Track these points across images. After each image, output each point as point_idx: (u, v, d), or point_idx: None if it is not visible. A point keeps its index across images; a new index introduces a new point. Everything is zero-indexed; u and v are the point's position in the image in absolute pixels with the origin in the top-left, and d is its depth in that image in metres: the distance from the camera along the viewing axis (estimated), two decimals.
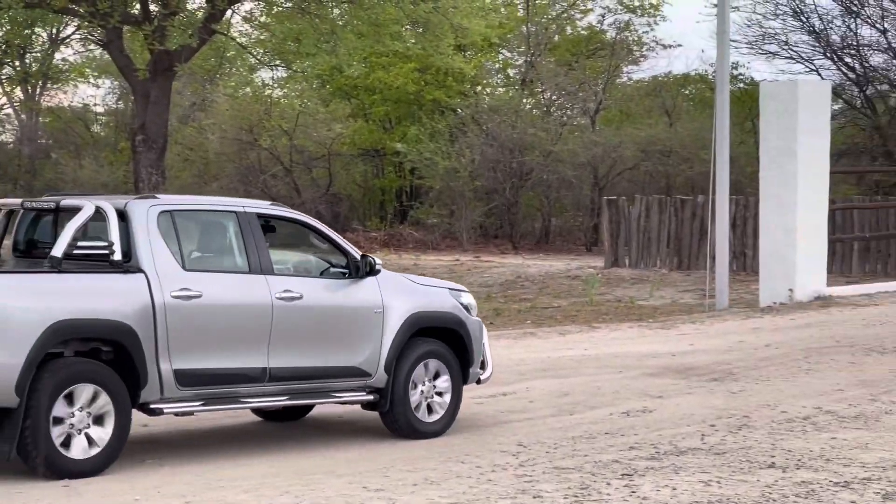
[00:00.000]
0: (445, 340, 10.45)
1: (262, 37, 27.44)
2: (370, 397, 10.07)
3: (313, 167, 37.52)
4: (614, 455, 9.34)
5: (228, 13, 25.33)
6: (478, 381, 10.85)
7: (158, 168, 23.47)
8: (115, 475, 8.77)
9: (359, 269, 9.99)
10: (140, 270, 8.95)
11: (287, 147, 36.27)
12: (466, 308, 10.65)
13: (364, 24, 23.32)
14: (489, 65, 38.18)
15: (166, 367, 8.92)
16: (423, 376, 10.29)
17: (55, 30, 35.18)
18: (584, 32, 38.74)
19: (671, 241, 26.72)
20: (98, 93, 47.09)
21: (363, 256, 10.07)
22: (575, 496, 8.08)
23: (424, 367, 10.29)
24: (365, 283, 10.03)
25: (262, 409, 10.51)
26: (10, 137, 42.85)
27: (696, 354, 14.78)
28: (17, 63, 33.11)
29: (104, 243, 8.94)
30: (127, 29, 24.16)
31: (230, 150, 36.53)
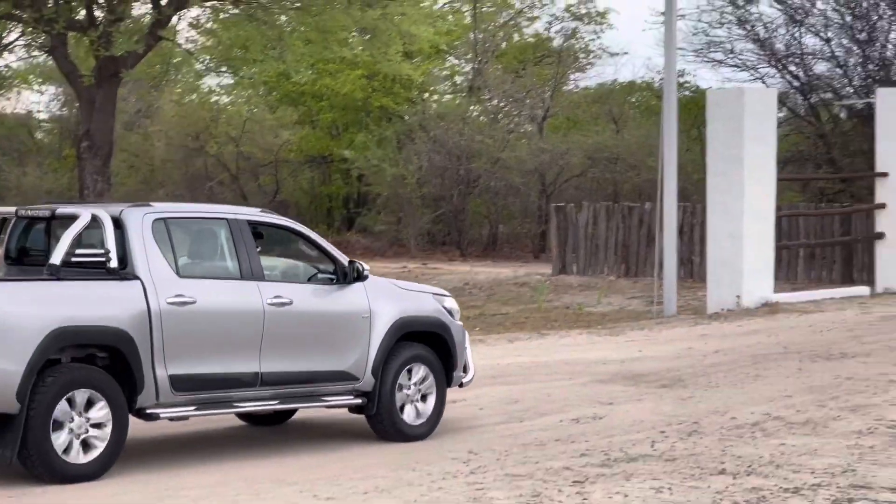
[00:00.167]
0: (430, 344, 10.64)
1: (209, 43, 27.27)
2: (358, 401, 10.22)
3: (260, 174, 37.38)
4: (565, 462, 9.33)
5: (175, 19, 25.15)
6: (460, 384, 11.01)
7: (104, 175, 23.26)
8: (80, 483, 8.71)
9: (346, 275, 10.15)
10: (136, 277, 9.09)
11: (234, 154, 36.11)
12: (450, 312, 10.84)
13: (312, 31, 23.23)
14: (436, 72, 38.18)
15: (162, 372, 9.07)
16: (409, 380, 10.47)
17: None
18: (532, 40, 38.84)
19: (619, 247, 26.82)
20: (42, 99, 46.65)
21: (351, 262, 10.21)
22: (527, 503, 8.06)
23: (410, 371, 10.47)
24: (353, 289, 10.18)
25: (254, 413, 10.62)
26: None
27: (645, 361, 14.82)
28: None
29: (101, 251, 9.08)
30: (72, 35, 23.93)
31: (176, 156, 36.33)
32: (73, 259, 9.07)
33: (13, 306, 8.48)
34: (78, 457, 8.70)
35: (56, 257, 9.00)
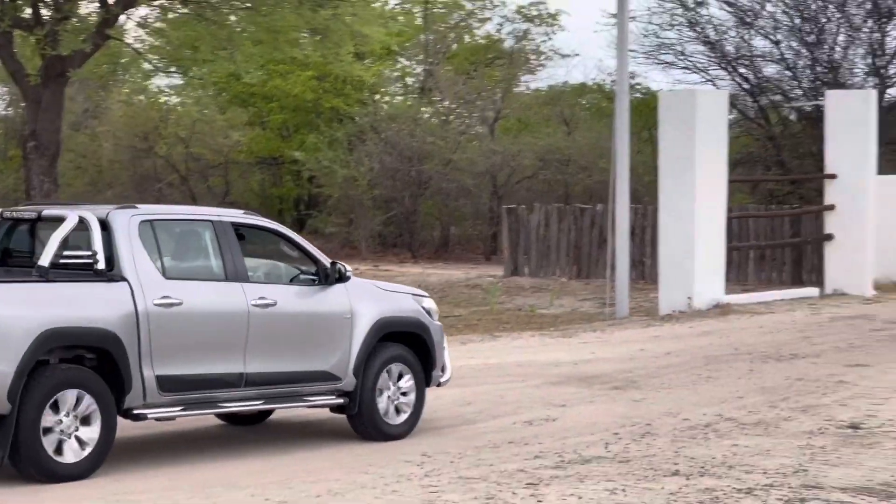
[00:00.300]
0: (409, 344, 10.73)
1: (158, 43, 27.03)
2: (340, 401, 10.30)
3: (210, 175, 37.14)
4: (519, 464, 9.30)
5: (123, 18, 24.90)
6: (438, 384, 11.08)
7: (51, 175, 22.99)
8: (29, 486, 8.66)
9: (328, 277, 10.24)
10: (123, 279, 9.14)
11: (183, 155, 35.85)
12: (428, 312, 10.94)
13: (262, 31, 23.06)
14: (388, 73, 38.11)
15: (149, 373, 9.13)
16: (389, 380, 10.56)
17: None
18: (483, 41, 38.86)
19: (570, 249, 26.85)
20: None
21: (333, 263, 10.30)
22: None
23: (390, 371, 10.56)
24: (334, 290, 10.27)
25: (238, 413, 10.69)
26: None
27: (597, 363, 14.83)
28: None
29: (88, 252, 9.11)
30: (18, 33, 23.63)
31: (124, 157, 36.01)
32: (61, 261, 9.11)
33: (4, 308, 8.53)
34: (68, 457, 8.76)
35: (45, 259, 9.03)
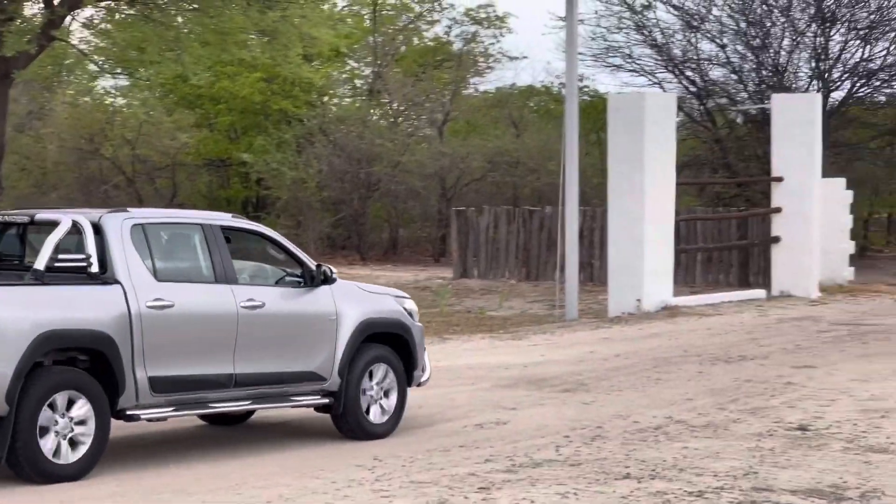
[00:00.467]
0: (391, 345, 10.90)
1: (104, 44, 26.79)
2: (325, 401, 10.46)
3: (157, 177, 36.87)
4: (470, 468, 9.28)
5: (68, 19, 24.65)
6: (418, 384, 11.25)
7: None
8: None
9: (314, 279, 10.39)
10: (116, 282, 9.26)
11: (130, 157, 35.56)
12: (409, 313, 11.12)
13: (209, 33, 22.89)
14: (336, 75, 38.00)
15: (141, 374, 9.26)
16: (372, 380, 10.73)
17: None
18: (431, 43, 38.85)
19: (519, 251, 26.90)
20: None
21: (318, 266, 10.46)
22: None
23: (373, 371, 10.74)
24: (320, 292, 10.42)
25: (228, 413, 10.88)
26: None
27: (547, 365, 14.84)
28: None
29: (82, 256, 9.25)
30: None
31: (70, 159, 35.68)
32: (56, 264, 9.23)
33: (3, 310, 8.62)
34: (64, 457, 8.88)
35: (40, 262, 9.15)
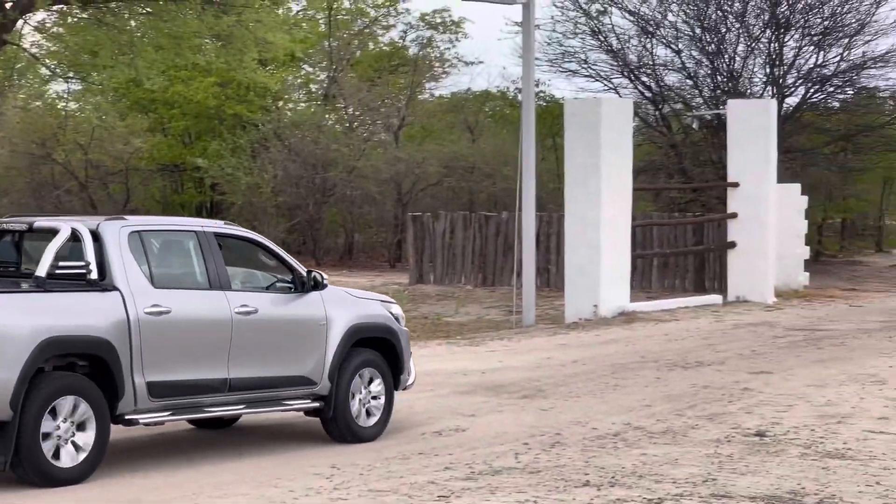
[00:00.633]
0: (379, 349, 11.08)
1: (56, 48, 26.55)
2: (316, 404, 10.64)
3: (110, 182, 36.58)
4: (429, 476, 9.22)
5: (20, 23, 24.41)
6: (404, 387, 11.42)
7: None
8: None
9: (304, 284, 10.58)
10: (115, 288, 9.42)
11: (82, 162, 35.26)
12: (396, 318, 11.32)
13: (163, 37, 22.73)
14: (291, 80, 37.85)
15: (140, 379, 9.41)
16: (361, 384, 10.90)
17: None
18: (387, 48, 38.78)
19: (476, 257, 26.88)
20: None
21: (309, 272, 10.65)
22: None
23: (362, 375, 10.91)
24: (310, 297, 10.62)
25: (223, 417, 11.00)
26: None
27: (505, 371, 14.80)
28: None
29: (81, 263, 9.40)
30: None
31: (21, 164, 35.31)
32: (57, 271, 9.39)
33: (7, 316, 8.78)
34: (65, 461, 9.01)
35: (41, 269, 9.31)
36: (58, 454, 8.97)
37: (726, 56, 31.45)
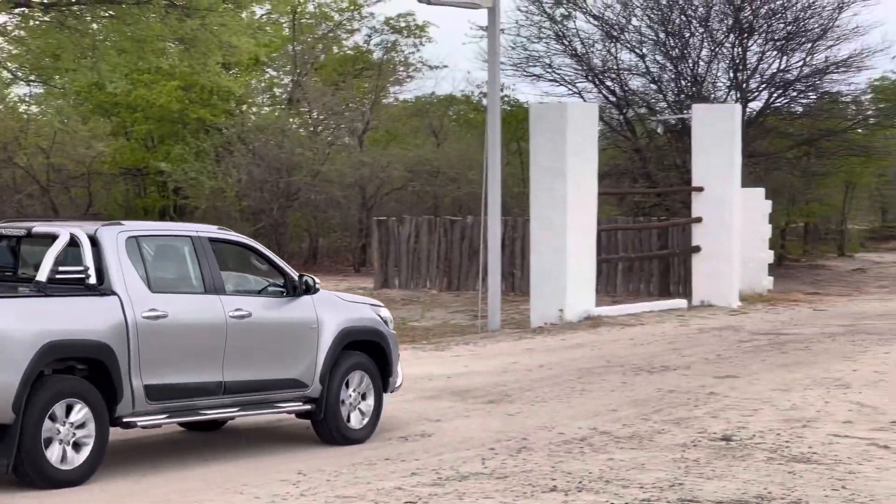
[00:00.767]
0: (368, 352, 11.20)
1: (17, 51, 26.34)
2: (307, 407, 10.76)
3: (72, 186, 36.35)
4: (396, 482, 9.19)
5: None
6: (392, 389, 11.53)
7: None
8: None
9: (296, 289, 10.69)
10: (113, 293, 9.53)
11: (44, 165, 35.01)
12: (385, 322, 11.44)
13: (126, 40, 22.58)
14: (255, 84, 37.71)
15: (137, 382, 9.53)
16: (351, 386, 11.02)
17: None
18: (351, 52, 38.72)
19: (441, 261, 26.85)
20: None
21: (300, 276, 10.78)
22: None
23: (352, 378, 11.02)
24: (302, 301, 10.74)
25: (218, 420, 11.14)
26: None
27: (471, 376, 14.77)
28: None
29: (81, 268, 9.51)
30: None
31: None
32: (57, 276, 9.49)
33: (9, 321, 8.89)
34: (66, 463, 9.14)
35: (42, 274, 9.42)
36: (59, 456, 9.08)
37: (690, 61, 31.57)
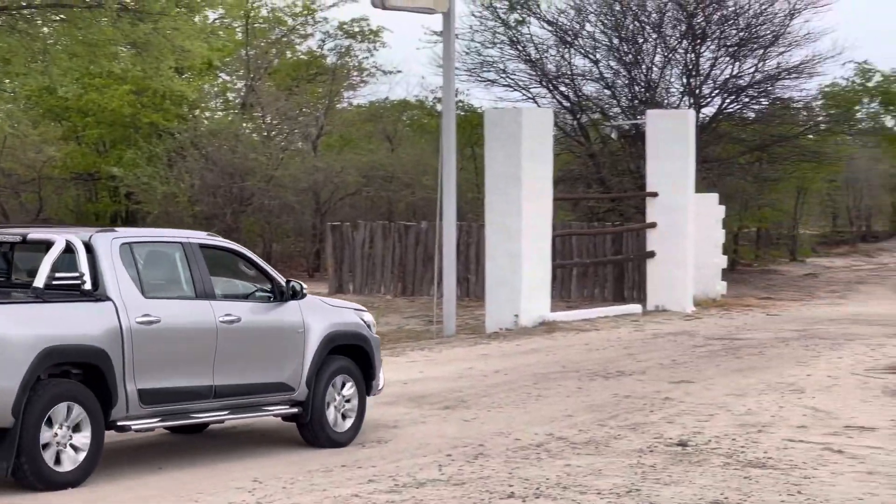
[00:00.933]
0: (352, 356, 11.37)
1: None
2: (294, 410, 10.91)
3: (22, 191, 36.00)
4: (353, 489, 9.14)
5: None
6: (375, 393, 11.69)
7: None
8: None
9: (283, 294, 10.85)
10: (108, 298, 9.67)
11: None
12: (368, 326, 11.61)
13: (78, 45, 22.38)
14: (208, 88, 37.50)
15: (131, 386, 9.67)
16: (336, 390, 11.17)
17: None
18: (305, 57, 38.58)
19: (395, 266, 26.81)
20: None
21: (288, 282, 10.93)
22: None
23: (337, 381, 11.17)
24: (289, 306, 10.89)
25: (207, 423, 11.23)
26: None
27: (427, 382, 14.74)
28: None
29: (76, 274, 9.63)
30: None
31: None
32: (53, 282, 9.64)
33: (9, 327, 9.02)
34: (64, 466, 9.29)
35: (39, 280, 9.55)
36: (56, 459, 9.23)
37: (643, 66, 31.68)
